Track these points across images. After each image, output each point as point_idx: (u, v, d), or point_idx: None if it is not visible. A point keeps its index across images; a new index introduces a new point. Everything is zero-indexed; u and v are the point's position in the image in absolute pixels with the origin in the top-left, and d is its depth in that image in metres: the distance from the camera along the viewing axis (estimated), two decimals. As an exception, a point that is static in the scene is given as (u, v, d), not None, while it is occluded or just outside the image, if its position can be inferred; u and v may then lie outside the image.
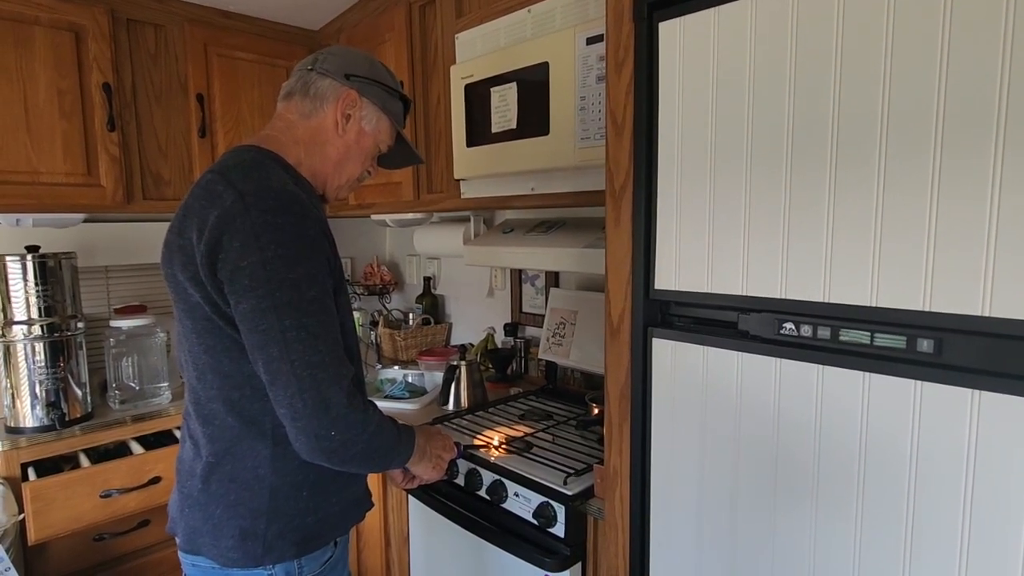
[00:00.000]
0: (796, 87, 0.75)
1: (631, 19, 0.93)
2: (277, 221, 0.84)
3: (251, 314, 0.84)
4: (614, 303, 1.00)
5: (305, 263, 0.85)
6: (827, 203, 0.74)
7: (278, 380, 0.84)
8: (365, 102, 1.05)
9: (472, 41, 1.57)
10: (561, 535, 1.19)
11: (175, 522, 1.00)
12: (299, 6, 2.03)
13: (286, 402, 0.84)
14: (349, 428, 0.86)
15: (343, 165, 1.06)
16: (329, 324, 0.87)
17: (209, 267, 0.86)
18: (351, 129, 1.04)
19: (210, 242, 0.85)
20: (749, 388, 0.84)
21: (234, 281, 0.84)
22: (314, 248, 0.87)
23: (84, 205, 1.80)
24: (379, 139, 1.09)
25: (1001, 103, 0.60)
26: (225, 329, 0.89)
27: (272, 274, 0.83)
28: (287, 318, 0.83)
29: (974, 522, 0.65)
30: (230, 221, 0.84)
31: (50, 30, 1.69)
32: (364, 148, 1.07)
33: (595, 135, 1.26)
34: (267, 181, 0.88)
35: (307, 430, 0.84)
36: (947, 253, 0.65)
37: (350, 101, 1.03)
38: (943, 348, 0.67)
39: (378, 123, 1.07)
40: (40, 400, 1.66)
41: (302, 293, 0.84)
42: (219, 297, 0.87)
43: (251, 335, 0.85)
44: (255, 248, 0.83)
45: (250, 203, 0.84)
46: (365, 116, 1.05)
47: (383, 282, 2.60)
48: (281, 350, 0.83)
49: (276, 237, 0.84)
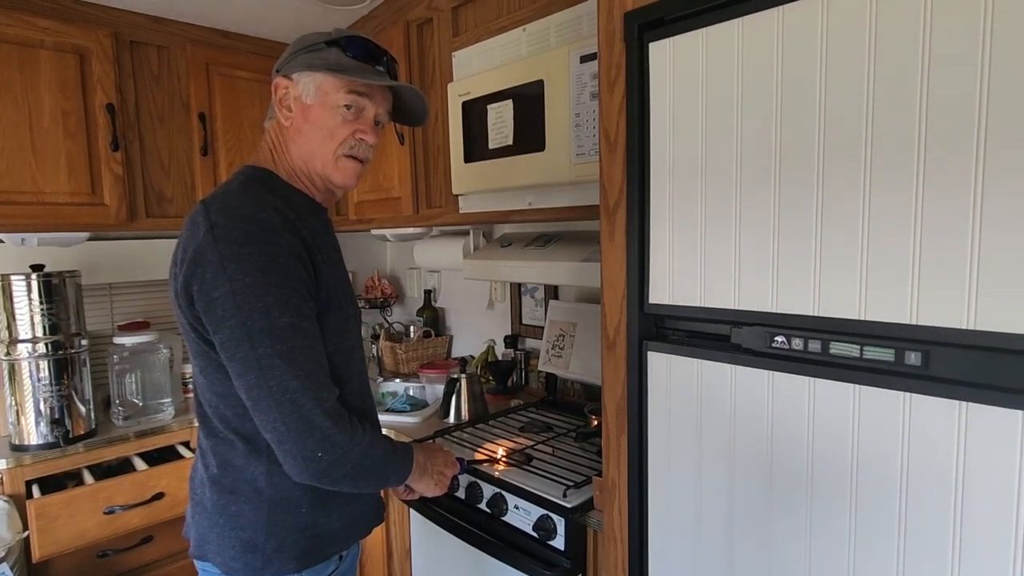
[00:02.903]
0: (783, 105, 0.77)
1: (622, 40, 0.95)
2: (243, 251, 0.85)
3: (227, 343, 0.86)
4: (610, 317, 1.02)
5: (275, 291, 0.85)
6: (815, 218, 0.75)
7: (259, 406, 0.86)
8: (293, 78, 0.97)
9: (469, 59, 1.59)
10: (561, 548, 1.19)
11: (189, 527, 1.03)
12: (299, 25, 2.06)
13: (270, 427, 0.86)
14: (336, 448, 0.87)
15: (310, 150, 0.98)
16: (307, 348, 0.87)
17: (186, 297, 0.89)
18: (295, 113, 0.97)
19: (186, 274, 0.88)
20: (742, 400, 0.85)
21: (208, 312, 0.86)
22: (286, 274, 0.87)
23: (88, 224, 1.82)
24: (329, 102, 0.96)
25: (981, 119, 0.62)
26: (211, 353, 0.91)
27: (242, 303, 0.84)
28: (261, 346, 0.84)
29: (964, 530, 0.66)
30: (202, 253, 0.86)
31: (55, 53, 1.72)
32: (317, 120, 0.97)
33: (590, 151, 1.28)
34: (240, 210, 0.89)
35: (294, 453, 0.86)
36: (933, 267, 0.66)
37: (281, 89, 0.98)
38: (930, 361, 0.69)
39: (317, 87, 0.96)
40: (44, 417, 1.68)
41: (273, 320, 0.85)
42: (200, 325, 0.90)
43: (230, 363, 0.87)
44: (224, 279, 0.84)
45: (218, 235, 0.86)
46: (301, 91, 0.97)
47: (384, 295, 2.62)
48: (258, 377, 0.84)
49: (242, 267, 0.85)
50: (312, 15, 1.98)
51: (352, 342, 1.03)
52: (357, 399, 1.03)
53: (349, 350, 1.01)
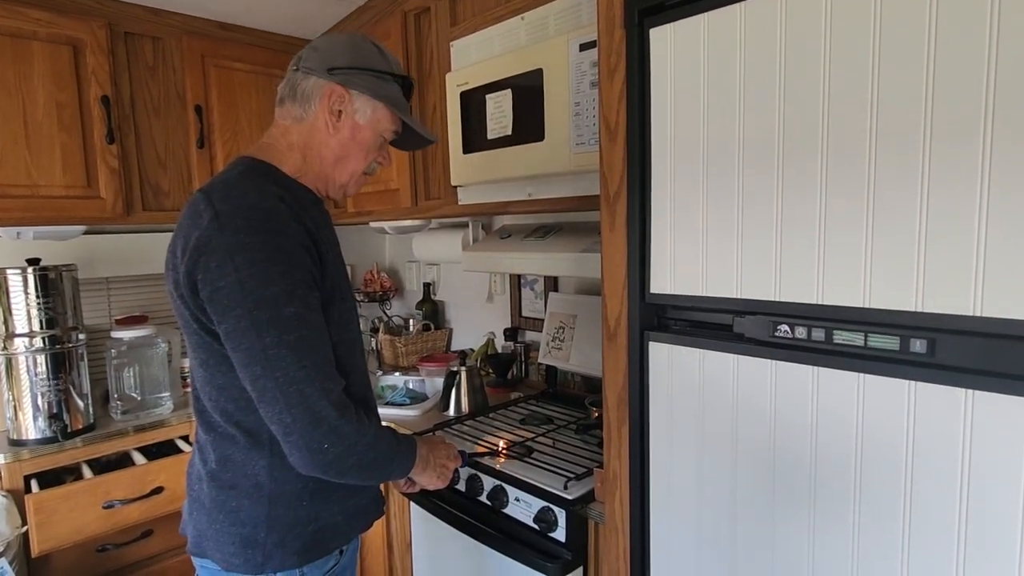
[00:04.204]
0: (786, 90, 0.76)
1: (622, 26, 0.93)
2: (250, 240, 0.84)
3: (232, 334, 0.84)
4: (611, 307, 1.01)
5: (282, 280, 0.84)
6: (818, 205, 0.74)
7: (265, 397, 0.84)
8: (354, 94, 0.99)
9: (467, 48, 1.58)
10: (562, 540, 1.19)
11: (186, 524, 1.02)
12: (296, 16, 2.04)
13: (276, 418, 0.84)
14: (342, 440, 0.86)
15: (343, 163, 1.02)
16: (313, 338, 0.86)
17: (190, 287, 0.87)
18: (344, 126, 0.99)
19: (189, 263, 0.86)
20: (745, 390, 0.85)
21: (213, 301, 0.85)
22: (292, 264, 0.86)
23: (84, 217, 1.81)
24: (379, 129, 1.03)
25: (988, 105, 0.61)
26: (214, 344, 0.89)
27: (248, 293, 0.83)
28: (267, 336, 0.83)
29: (970, 519, 0.66)
30: (207, 242, 0.84)
31: (48, 44, 1.70)
32: (363, 142, 1.02)
33: (590, 140, 1.26)
34: (244, 199, 0.87)
35: (299, 444, 0.84)
36: (938, 254, 0.65)
37: (336, 97, 0.98)
38: (936, 348, 0.68)
39: (374, 113, 1.01)
40: (42, 412, 1.67)
41: (280, 310, 0.83)
42: (203, 315, 0.88)
43: (235, 354, 0.85)
44: (230, 268, 0.83)
45: (224, 223, 0.84)
46: (357, 109, 0.99)
47: (383, 289, 2.61)
48: (264, 368, 0.83)
49: (250, 256, 0.83)
50: (310, 6, 1.96)
51: (353, 334, 1.02)
52: (360, 391, 1.02)
53: (351, 341, 1.01)
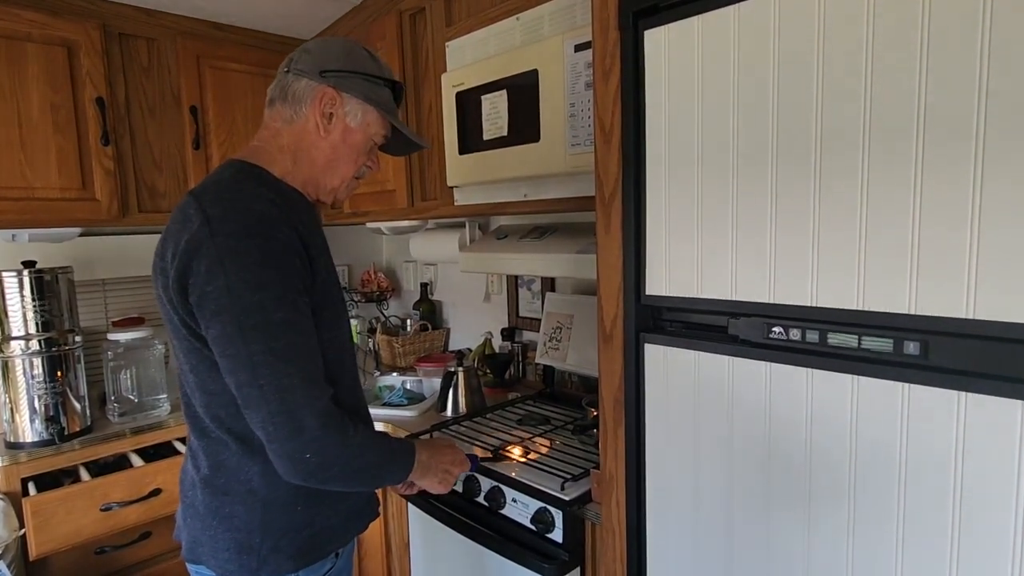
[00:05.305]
0: (780, 93, 0.76)
1: (617, 27, 0.93)
2: (240, 245, 0.83)
3: (220, 339, 0.84)
4: (606, 309, 1.01)
5: (271, 285, 0.84)
6: (812, 208, 0.74)
7: (250, 404, 0.84)
8: (345, 97, 0.99)
9: (463, 49, 1.58)
10: (559, 540, 1.19)
11: (180, 530, 1.02)
12: (291, 16, 2.04)
13: (260, 425, 0.84)
14: (324, 450, 0.85)
15: (334, 167, 1.02)
16: (301, 345, 0.85)
17: (180, 291, 0.86)
18: (335, 128, 0.99)
19: (179, 267, 0.85)
20: (740, 392, 0.85)
21: (202, 306, 0.84)
22: (282, 269, 0.85)
23: (80, 219, 1.80)
24: (369, 132, 1.03)
25: (981, 107, 0.61)
26: (203, 350, 0.89)
27: (236, 299, 0.82)
28: (254, 343, 0.82)
29: (963, 520, 0.66)
30: (197, 246, 0.84)
31: (42, 46, 1.70)
32: (353, 145, 1.02)
33: (585, 141, 1.26)
34: (235, 203, 0.87)
35: (281, 452, 0.84)
36: (931, 256, 0.66)
37: (328, 99, 0.98)
38: (929, 350, 0.68)
39: (364, 116, 1.01)
40: (39, 415, 1.67)
41: (269, 316, 0.83)
42: (192, 320, 0.87)
43: (221, 360, 0.85)
44: (220, 273, 0.82)
45: (215, 228, 0.84)
46: (348, 112, 1.00)
47: (380, 289, 2.61)
48: (250, 375, 0.82)
49: (240, 261, 0.83)
50: (305, 6, 1.96)
51: (344, 340, 1.02)
52: (349, 398, 1.01)
53: (341, 347, 1.00)
